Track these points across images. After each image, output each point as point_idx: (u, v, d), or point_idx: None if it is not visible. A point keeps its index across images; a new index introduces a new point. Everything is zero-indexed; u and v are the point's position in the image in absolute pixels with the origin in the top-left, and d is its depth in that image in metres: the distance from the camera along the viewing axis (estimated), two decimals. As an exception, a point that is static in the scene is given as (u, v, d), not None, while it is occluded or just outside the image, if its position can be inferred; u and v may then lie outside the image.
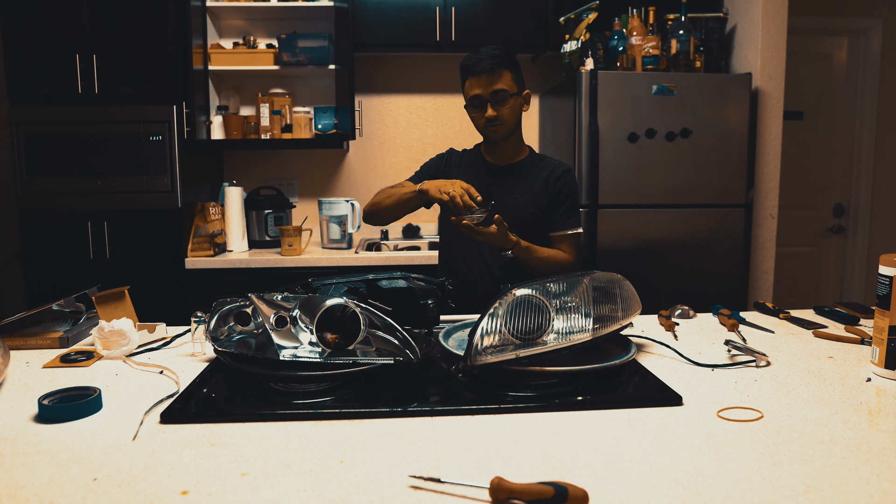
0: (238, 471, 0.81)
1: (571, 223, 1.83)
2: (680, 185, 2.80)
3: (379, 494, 0.75)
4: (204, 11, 3.01)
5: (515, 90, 1.76)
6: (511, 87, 1.74)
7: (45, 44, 2.68)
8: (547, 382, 1.11)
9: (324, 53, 3.05)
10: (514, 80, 1.76)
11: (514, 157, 1.87)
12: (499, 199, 1.71)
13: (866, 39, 3.73)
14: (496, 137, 1.79)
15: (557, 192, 1.82)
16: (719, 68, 3.04)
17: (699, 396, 1.06)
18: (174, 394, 1.08)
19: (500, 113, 1.74)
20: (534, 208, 1.81)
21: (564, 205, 1.83)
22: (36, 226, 2.75)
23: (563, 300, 1.14)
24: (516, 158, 1.87)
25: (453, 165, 1.90)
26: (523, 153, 1.89)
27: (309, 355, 1.12)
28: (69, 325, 1.51)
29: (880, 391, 1.10)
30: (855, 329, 1.47)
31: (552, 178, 1.83)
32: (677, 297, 2.12)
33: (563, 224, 1.83)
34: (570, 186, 1.84)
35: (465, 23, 3.04)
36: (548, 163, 1.87)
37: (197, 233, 2.84)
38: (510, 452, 0.86)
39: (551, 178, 1.83)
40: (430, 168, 1.93)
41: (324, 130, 3.18)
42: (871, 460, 0.83)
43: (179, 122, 2.76)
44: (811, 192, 3.82)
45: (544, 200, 1.82)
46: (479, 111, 1.75)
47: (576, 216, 1.85)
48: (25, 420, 0.98)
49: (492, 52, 1.71)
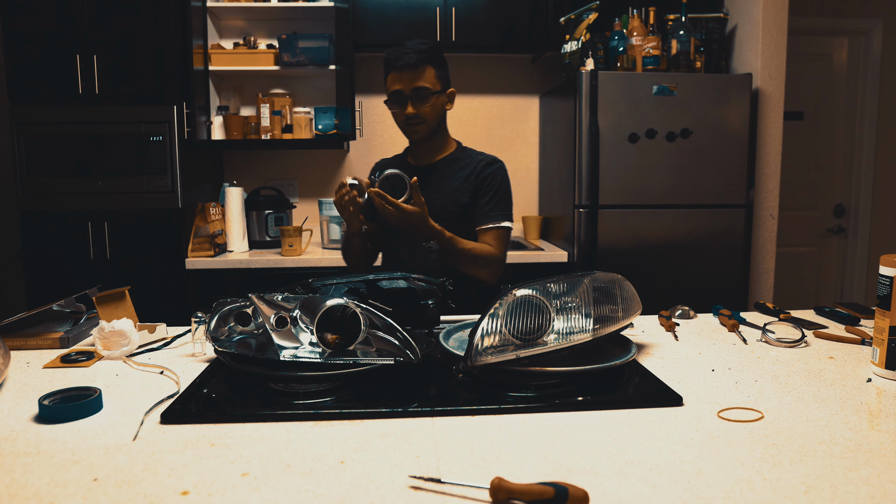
0: (238, 471, 0.81)
1: (495, 216, 1.75)
2: (680, 185, 2.81)
3: (379, 495, 0.75)
4: (204, 12, 3.01)
5: (438, 88, 1.70)
6: (434, 85, 1.69)
7: (45, 44, 2.69)
8: (547, 383, 1.11)
9: (324, 54, 3.05)
10: (438, 77, 1.70)
11: (436, 155, 1.80)
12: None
13: (866, 40, 3.73)
14: (416, 137, 1.73)
15: (479, 185, 1.75)
16: (720, 69, 3.04)
17: (699, 397, 1.06)
18: (174, 394, 1.08)
19: (420, 111, 1.68)
20: (454, 206, 1.74)
21: (486, 197, 1.75)
22: (36, 226, 2.75)
23: (564, 300, 1.14)
24: (439, 156, 1.80)
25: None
26: (448, 150, 1.82)
27: (309, 356, 1.12)
28: (69, 326, 1.51)
29: (881, 392, 1.09)
30: (855, 329, 1.47)
31: (474, 173, 1.76)
32: (677, 298, 2.12)
33: (485, 217, 1.75)
34: (494, 179, 1.76)
35: (466, 23, 3.04)
36: (473, 158, 1.80)
37: (197, 233, 2.84)
38: (510, 453, 0.86)
39: (473, 173, 1.76)
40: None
41: (324, 131, 3.18)
42: (871, 461, 0.82)
43: (180, 123, 2.76)
44: (811, 193, 3.82)
45: (466, 197, 1.75)
46: (399, 107, 1.69)
47: (501, 209, 1.76)
48: (26, 420, 0.98)
49: (417, 47, 1.66)
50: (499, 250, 1.75)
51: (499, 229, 1.76)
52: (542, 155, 3.45)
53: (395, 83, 1.68)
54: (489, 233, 1.75)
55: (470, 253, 1.68)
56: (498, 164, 1.80)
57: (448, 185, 1.76)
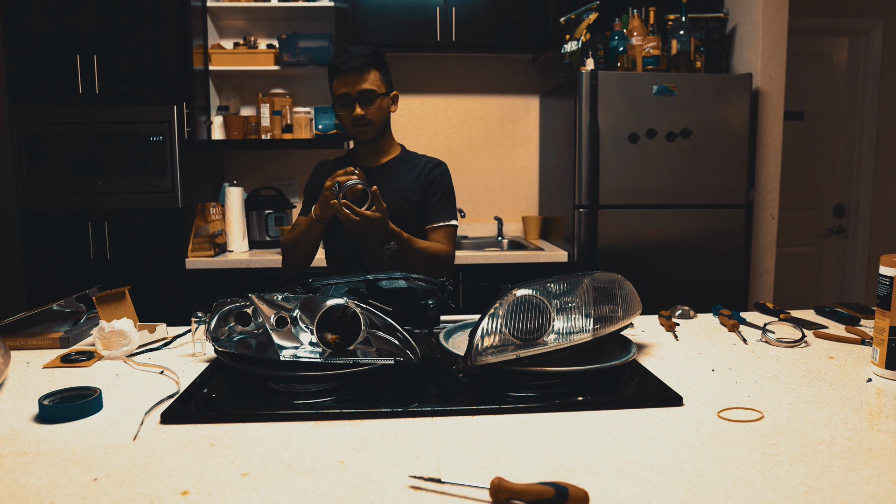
0: (238, 471, 0.81)
1: (445, 215, 1.84)
2: (680, 185, 2.80)
3: (379, 495, 0.75)
4: (204, 12, 3.01)
5: (383, 90, 1.77)
6: (379, 87, 1.75)
7: (45, 44, 2.68)
8: (547, 383, 1.11)
9: (324, 54, 3.05)
10: (382, 80, 1.77)
11: (383, 157, 1.87)
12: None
13: (867, 40, 3.73)
14: (364, 138, 1.79)
15: (427, 186, 1.83)
16: (720, 69, 3.04)
17: (699, 397, 1.06)
18: (174, 394, 1.08)
19: (367, 112, 1.74)
20: (405, 204, 1.80)
21: (436, 197, 1.83)
22: (36, 226, 2.75)
23: (564, 300, 1.14)
24: (386, 158, 1.87)
25: (326, 174, 1.86)
26: (394, 152, 1.89)
27: (309, 355, 1.13)
28: (70, 326, 1.51)
29: (881, 392, 1.10)
30: (855, 329, 1.47)
31: (423, 174, 1.84)
32: (677, 298, 2.12)
33: (435, 216, 1.83)
34: (441, 180, 1.85)
35: (466, 23, 3.04)
36: (419, 161, 1.88)
37: (197, 233, 2.84)
38: (511, 453, 0.86)
39: (422, 174, 1.84)
40: (308, 188, 1.92)
41: (324, 131, 3.18)
42: (871, 461, 0.82)
43: (180, 123, 2.76)
44: (811, 193, 3.82)
45: (416, 196, 1.82)
46: (347, 110, 1.75)
47: (449, 209, 1.86)
48: (26, 420, 0.98)
49: (360, 52, 1.73)
50: (449, 248, 1.84)
51: (448, 227, 1.85)
52: (542, 155, 3.45)
53: (341, 86, 1.74)
54: (439, 231, 1.84)
55: (425, 252, 1.75)
56: (444, 167, 1.90)
57: (398, 184, 1.83)
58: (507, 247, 3.29)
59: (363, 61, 1.72)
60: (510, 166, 3.52)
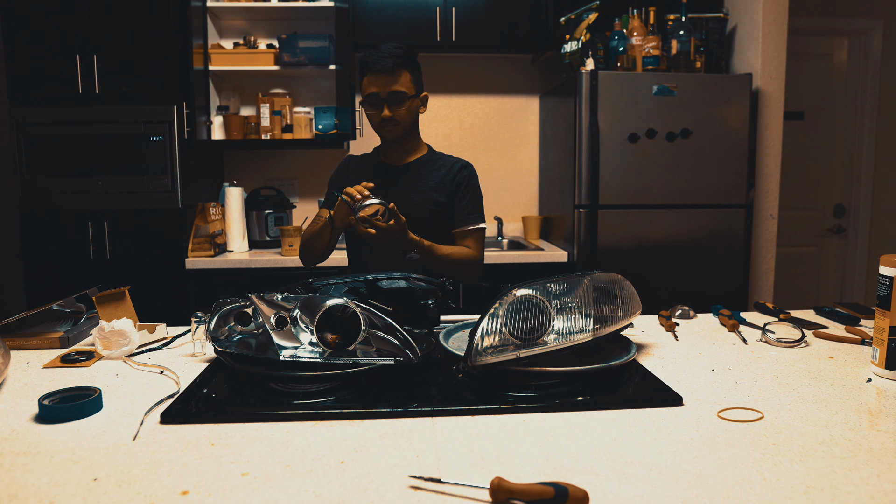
0: (238, 471, 0.81)
1: (473, 219, 1.81)
2: (680, 185, 2.80)
3: (379, 495, 0.75)
4: (204, 12, 3.01)
5: (413, 92, 1.74)
6: (409, 89, 1.73)
7: (45, 44, 2.68)
8: (547, 383, 1.11)
9: (324, 54, 3.05)
10: (413, 81, 1.75)
11: (410, 156, 1.85)
12: (395, 198, 1.67)
13: (867, 40, 3.73)
14: (390, 138, 1.78)
15: (455, 188, 1.81)
16: (720, 69, 3.04)
17: (699, 397, 1.06)
18: (174, 394, 1.08)
19: (395, 114, 1.72)
20: (431, 205, 1.78)
21: (464, 200, 1.81)
22: (36, 226, 2.75)
23: (564, 300, 1.14)
24: (412, 157, 1.85)
25: (351, 171, 1.88)
26: (420, 152, 1.87)
27: (309, 355, 1.13)
28: (69, 326, 1.51)
29: (880, 392, 1.10)
30: (855, 329, 1.47)
31: (450, 175, 1.81)
32: (677, 298, 2.12)
33: (463, 220, 1.81)
34: (469, 182, 1.82)
35: (466, 23, 3.04)
36: (446, 161, 1.85)
37: (197, 233, 2.84)
38: (510, 453, 0.86)
39: (448, 175, 1.81)
40: (333, 182, 1.91)
41: (324, 130, 3.18)
42: (871, 461, 0.82)
43: (180, 123, 2.76)
44: (811, 193, 3.82)
45: (442, 197, 1.79)
46: (376, 110, 1.73)
47: (477, 212, 1.83)
48: (26, 420, 0.98)
49: (393, 52, 1.69)
50: (478, 252, 1.81)
51: (477, 231, 1.82)
52: (542, 155, 3.45)
53: (371, 86, 1.71)
54: (468, 234, 1.82)
55: (450, 258, 1.72)
56: (471, 168, 1.87)
57: (424, 184, 1.81)
58: (507, 247, 3.29)
59: (395, 62, 1.68)
60: (510, 166, 3.52)
